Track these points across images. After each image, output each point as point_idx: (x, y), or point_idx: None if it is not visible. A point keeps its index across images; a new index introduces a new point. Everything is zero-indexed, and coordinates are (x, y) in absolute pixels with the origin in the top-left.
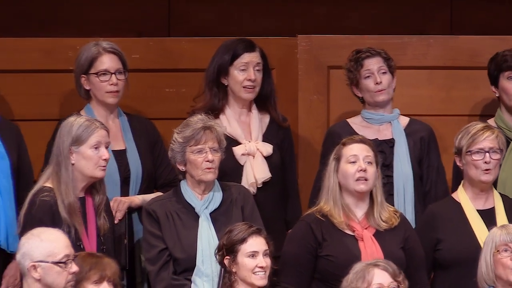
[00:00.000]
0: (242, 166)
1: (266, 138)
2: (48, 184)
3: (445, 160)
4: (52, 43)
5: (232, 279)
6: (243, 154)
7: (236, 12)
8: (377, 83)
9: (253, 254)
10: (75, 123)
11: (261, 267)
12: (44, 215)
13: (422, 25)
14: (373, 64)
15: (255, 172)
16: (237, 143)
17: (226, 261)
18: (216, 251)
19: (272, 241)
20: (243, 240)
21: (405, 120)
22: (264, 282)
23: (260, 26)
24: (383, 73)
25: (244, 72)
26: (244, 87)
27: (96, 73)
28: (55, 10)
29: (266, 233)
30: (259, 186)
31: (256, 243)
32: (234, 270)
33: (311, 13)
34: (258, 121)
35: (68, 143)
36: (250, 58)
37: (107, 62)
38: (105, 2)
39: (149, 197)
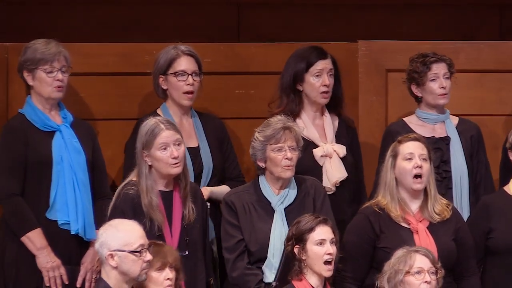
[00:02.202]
0: (320, 167)
1: (337, 139)
2: (135, 178)
3: (496, 156)
4: (130, 48)
5: (302, 266)
6: (322, 156)
7: (301, 19)
8: (442, 87)
9: (321, 242)
10: (143, 128)
11: (329, 254)
12: (126, 206)
13: (473, 31)
14: (440, 69)
15: (334, 172)
16: (314, 145)
17: (296, 250)
18: (286, 241)
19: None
20: (311, 229)
21: (455, 119)
22: (330, 273)
23: (323, 32)
24: (446, 78)
25: (319, 78)
26: (320, 92)
27: (174, 73)
28: (133, 17)
29: (332, 223)
30: (337, 185)
31: (323, 232)
32: (303, 258)
33: (370, 20)
34: (331, 124)
35: (140, 148)
36: (323, 65)
37: (185, 63)
38: (179, 10)
39: (216, 189)
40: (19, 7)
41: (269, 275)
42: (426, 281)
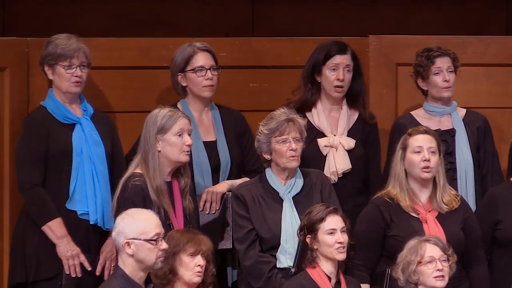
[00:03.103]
0: (324, 156)
1: (351, 133)
2: (138, 170)
3: (503, 148)
4: (148, 42)
5: (314, 255)
6: (325, 146)
7: (314, 15)
8: (445, 81)
9: (332, 232)
10: (159, 114)
11: (340, 243)
12: (136, 197)
13: (481, 27)
14: (444, 63)
15: (337, 163)
16: (323, 135)
17: (308, 240)
18: (298, 231)
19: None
20: (322, 219)
21: (462, 111)
22: (343, 256)
23: (335, 27)
24: (450, 72)
25: (335, 72)
26: (334, 86)
27: (193, 70)
28: (151, 12)
29: (342, 211)
30: (339, 176)
31: (334, 221)
32: (315, 247)
33: (381, 16)
34: (346, 117)
35: (154, 132)
36: (341, 59)
37: (202, 59)
38: (195, 6)
39: (236, 182)
40: (40, 3)
41: (284, 261)
42: (438, 269)
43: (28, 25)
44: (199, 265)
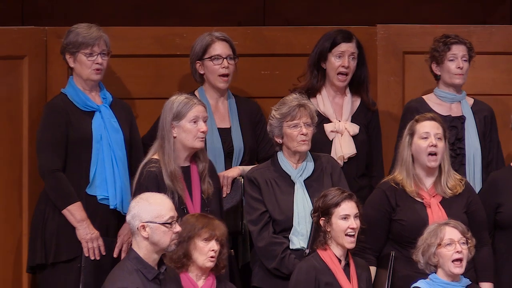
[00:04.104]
0: (330, 141)
1: (354, 118)
2: (155, 156)
3: (506, 134)
4: (162, 31)
5: (327, 237)
6: (332, 131)
7: (324, 4)
8: (458, 67)
9: (345, 217)
10: (175, 100)
11: (352, 228)
12: (150, 183)
13: (485, 16)
14: (459, 50)
15: (343, 147)
16: (328, 121)
17: (321, 222)
18: (312, 212)
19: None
20: (337, 204)
21: (470, 100)
22: (352, 245)
23: (344, 17)
24: (465, 60)
25: (340, 59)
26: (338, 73)
27: (210, 58)
28: (166, 2)
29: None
30: (345, 160)
31: (348, 207)
32: (328, 230)
33: (388, 5)
34: (350, 104)
35: (170, 119)
36: (346, 47)
37: (219, 48)
38: None
39: (248, 168)
40: None
41: (296, 242)
42: (457, 251)
43: (46, 15)
44: (213, 250)
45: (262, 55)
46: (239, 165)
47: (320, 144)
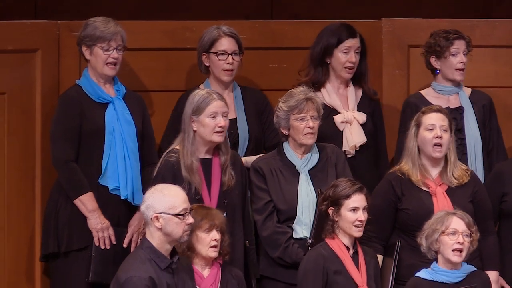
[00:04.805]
0: (341, 132)
1: (360, 107)
2: (177, 147)
3: (509, 126)
4: (172, 25)
5: (335, 227)
6: (342, 122)
7: None
8: (461, 62)
9: (355, 209)
10: (196, 95)
11: (360, 221)
12: (166, 172)
13: (488, 10)
14: (461, 45)
15: (354, 136)
16: (336, 112)
17: (330, 211)
18: (321, 200)
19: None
20: (347, 196)
21: (468, 91)
22: (360, 234)
23: (351, 11)
24: (465, 55)
25: (346, 55)
26: (345, 67)
27: (215, 53)
28: None
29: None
30: (357, 149)
31: (358, 200)
32: (336, 219)
33: (393, 0)
34: (354, 94)
35: (190, 113)
36: (352, 43)
37: (226, 44)
38: None
39: (252, 158)
40: None
41: (300, 231)
42: (458, 242)
43: (58, 9)
44: (215, 239)
45: (270, 48)
46: (244, 154)
47: (331, 136)
